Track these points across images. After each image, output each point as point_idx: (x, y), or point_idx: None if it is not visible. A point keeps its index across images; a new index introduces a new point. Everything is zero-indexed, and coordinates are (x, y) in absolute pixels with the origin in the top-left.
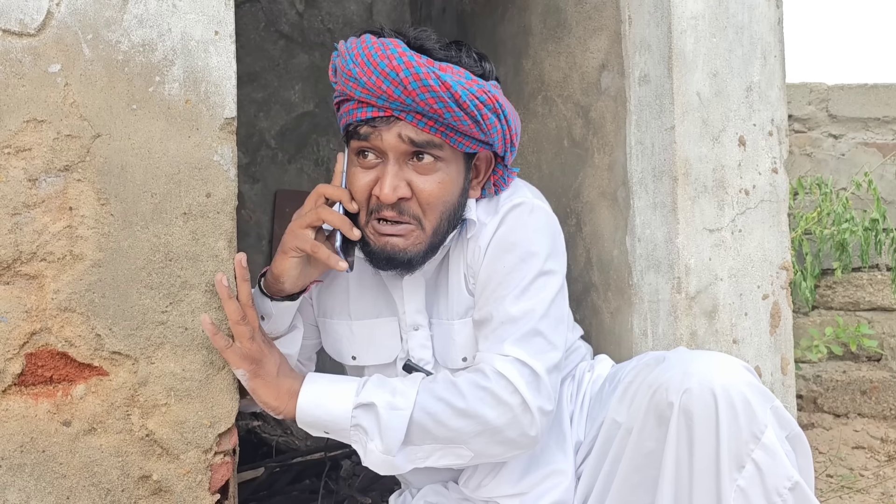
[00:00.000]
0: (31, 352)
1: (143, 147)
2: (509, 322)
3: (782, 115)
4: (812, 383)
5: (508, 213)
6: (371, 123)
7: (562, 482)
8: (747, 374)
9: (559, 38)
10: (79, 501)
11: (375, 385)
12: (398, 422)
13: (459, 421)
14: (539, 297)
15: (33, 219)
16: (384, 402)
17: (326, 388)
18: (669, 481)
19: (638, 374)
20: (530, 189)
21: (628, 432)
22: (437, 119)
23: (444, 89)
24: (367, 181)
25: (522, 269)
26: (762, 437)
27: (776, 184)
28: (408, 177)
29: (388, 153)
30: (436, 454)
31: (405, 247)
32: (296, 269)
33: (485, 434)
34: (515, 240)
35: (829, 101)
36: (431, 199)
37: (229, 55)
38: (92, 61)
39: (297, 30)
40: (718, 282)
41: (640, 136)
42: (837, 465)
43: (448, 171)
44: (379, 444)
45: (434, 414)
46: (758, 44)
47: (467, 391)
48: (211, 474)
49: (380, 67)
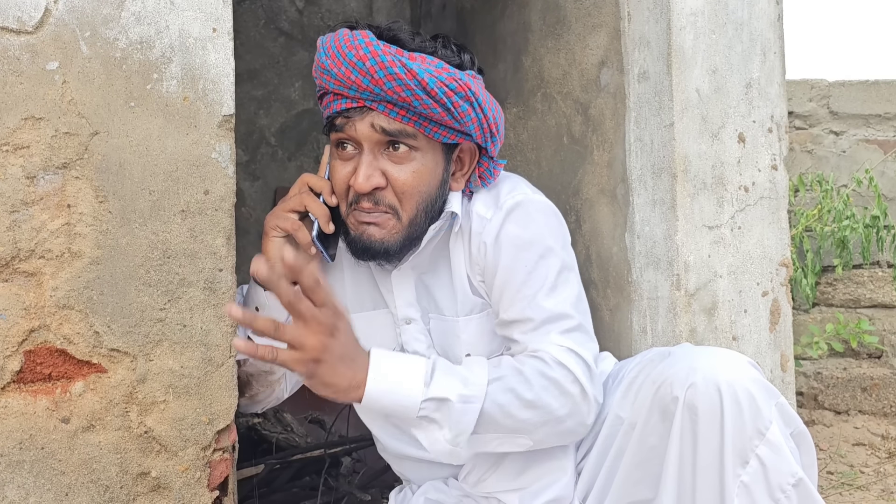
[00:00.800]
0: (29, 349)
1: (141, 144)
2: (549, 319)
3: (782, 111)
4: (813, 380)
5: (514, 209)
6: (346, 115)
7: (561, 478)
8: (753, 371)
9: (559, 35)
10: (77, 498)
11: (445, 373)
12: (470, 415)
13: (527, 412)
14: (569, 292)
15: (32, 216)
16: (456, 394)
17: (393, 374)
18: (673, 476)
19: (642, 370)
20: (526, 183)
21: (632, 427)
22: (408, 108)
23: (409, 77)
24: (345, 173)
25: (545, 266)
26: (767, 433)
27: (776, 181)
28: (382, 166)
29: (362, 143)
30: (495, 442)
31: (381, 237)
32: (279, 250)
33: (549, 424)
34: (530, 237)
35: (831, 97)
36: (406, 188)
37: (227, 52)
38: (90, 59)
39: (297, 27)
40: (718, 279)
41: (640, 132)
42: (838, 461)
43: (424, 160)
44: (448, 434)
45: (503, 405)
46: (757, 40)
47: (535, 381)
48: (210, 471)
49: (348, 58)
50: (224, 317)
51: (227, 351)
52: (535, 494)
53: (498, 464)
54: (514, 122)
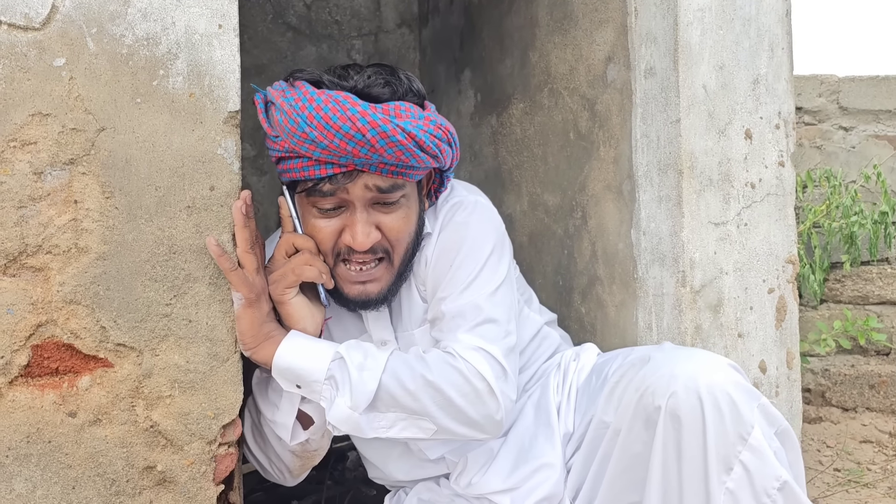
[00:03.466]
0: (37, 343)
1: (147, 140)
2: (459, 315)
3: (790, 107)
4: (820, 377)
5: (449, 213)
6: (331, 181)
7: (551, 476)
8: (733, 374)
9: (566, 31)
10: (84, 491)
11: (351, 346)
12: (369, 379)
13: (426, 392)
14: (485, 287)
15: (39, 212)
16: (356, 361)
17: (308, 343)
18: (657, 484)
19: (624, 375)
20: (464, 186)
21: (616, 434)
22: (399, 164)
23: (409, 140)
24: (331, 230)
25: (468, 265)
26: (749, 437)
27: (783, 177)
28: (375, 220)
29: (354, 203)
30: (399, 424)
31: (380, 290)
32: (304, 306)
33: (450, 410)
34: (458, 238)
35: (840, 93)
36: (401, 235)
37: (233, 48)
38: (96, 55)
39: (304, 22)
40: (723, 275)
41: (646, 128)
42: (845, 459)
43: (409, 202)
44: (347, 399)
45: (402, 380)
46: (765, 36)
47: (436, 366)
48: (215, 465)
49: (343, 130)
50: (229, 312)
51: (232, 346)
52: (526, 494)
53: (488, 465)
54: (521, 117)
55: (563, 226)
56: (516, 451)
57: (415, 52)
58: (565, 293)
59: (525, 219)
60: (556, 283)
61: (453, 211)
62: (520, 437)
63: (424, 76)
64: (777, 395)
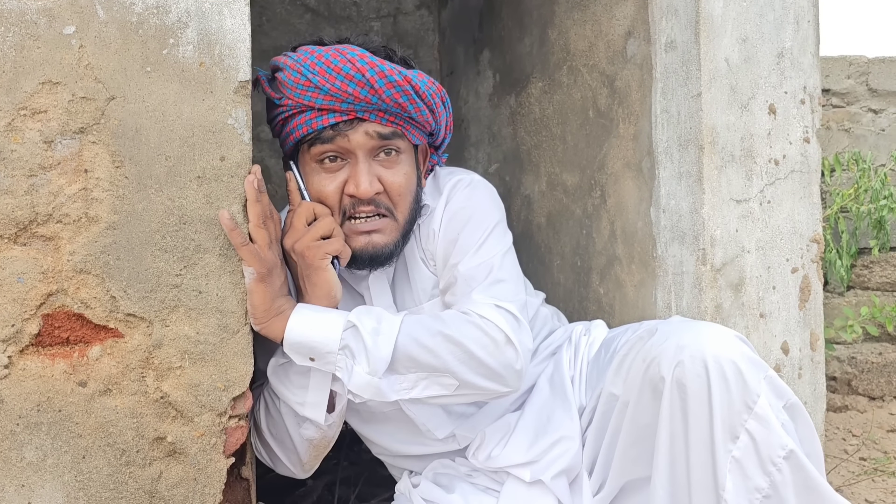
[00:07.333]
0: (47, 313)
1: (157, 110)
2: (472, 277)
3: (815, 82)
4: (847, 365)
5: (453, 189)
6: (334, 128)
7: (571, 447)
8: (740, 345)
9: (585, 6)
10: (94, 461)
11: (361, 312)
12: (384, 343)
13: (445, 346)
14: (494, 250)
15: (49, 181)
16: (369, 327)
17: (318, 314)
18: (665, 454)
19: (633, 347)
20: (463, 170)
21: (625, 406)
22: (398, 114)
23: (406, 83)
24: (335, 185)
25: (475, 234)
26: (755, 406)
27: (808, 154)
28: (377, 172)
29: (355, 152)
30: (421, 384)
31: (385, 242)
32: (334, 274)
33: (471, 362)
34: (465, 209)
35: (869, 74)
36: (402, 191)
37: (244, 17)
38: (106, 23)
39: (323, 4)
40: (745, 254)
41: (666, 104)
42: (871, 448)
43: (409, 162)
44: (365, 365)
45: (419, 339)
46: (790, 8)
47: (452, 322)
48: (226, 437)
49: (344, 72)
50: (240, 283)
51: (242, 318)
52: (546, 467)
53: (507, 438)
54: (540, 96)
55: (582, 205)
56: (534, 424)
57: (434, 34)
58: (583, 274)
59: (543, 199)
60: (574, 263)
61: (458, 186)
62: (537, 411)
63: (444, 58)
64: (800, 377)
